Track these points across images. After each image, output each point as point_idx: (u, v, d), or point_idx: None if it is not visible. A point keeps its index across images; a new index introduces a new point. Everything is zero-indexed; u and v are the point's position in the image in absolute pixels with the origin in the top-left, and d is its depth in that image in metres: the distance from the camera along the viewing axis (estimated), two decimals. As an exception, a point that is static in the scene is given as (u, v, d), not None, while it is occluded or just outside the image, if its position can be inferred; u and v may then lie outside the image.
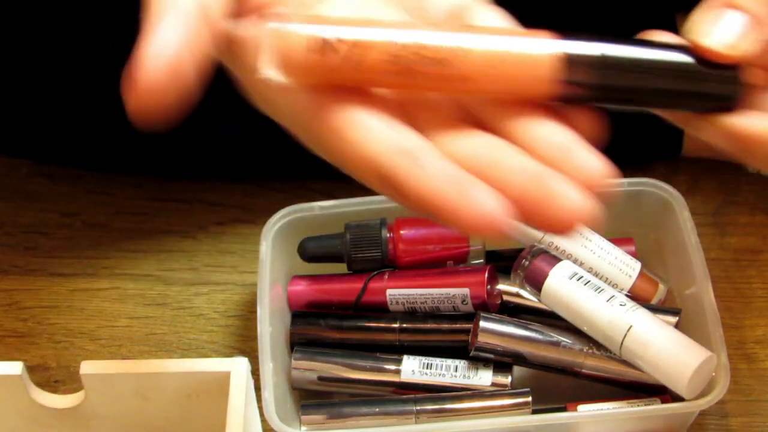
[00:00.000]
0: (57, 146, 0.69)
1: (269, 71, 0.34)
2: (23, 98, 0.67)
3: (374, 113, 0.34)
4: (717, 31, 0.34)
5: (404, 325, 0.59)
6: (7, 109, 0.67)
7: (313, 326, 0.61)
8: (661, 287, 0.61)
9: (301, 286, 0.61)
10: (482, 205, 0.31)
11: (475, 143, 0.34)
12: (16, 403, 0.47)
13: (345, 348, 0.60)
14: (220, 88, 0.37)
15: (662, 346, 0.54)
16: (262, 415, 0.54)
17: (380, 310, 0.60)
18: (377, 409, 0.57)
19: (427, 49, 0.33)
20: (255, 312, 0.58)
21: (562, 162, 0.32)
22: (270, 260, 0.59)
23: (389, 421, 0.57)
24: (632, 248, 0.62)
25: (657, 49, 0.34)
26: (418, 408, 0.57)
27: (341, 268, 0.61)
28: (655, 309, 0.58)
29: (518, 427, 0.55)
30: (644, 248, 0.64)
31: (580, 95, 0.34)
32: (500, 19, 0.37)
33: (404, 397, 0.58)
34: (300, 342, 0.60)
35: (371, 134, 0.33)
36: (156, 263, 0.66)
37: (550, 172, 0.32)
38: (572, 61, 0.33)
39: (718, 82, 0.34)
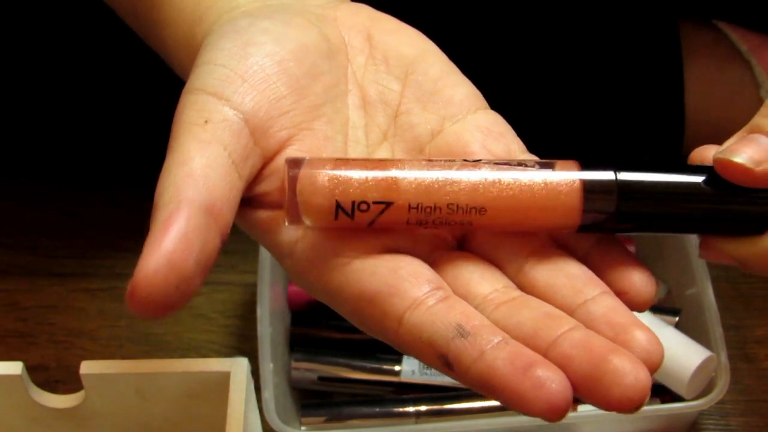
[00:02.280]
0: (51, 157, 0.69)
1: (295, 219, 0.33)
2: (21, 106, 0.67)
3: (412, 278, 0.33)
4: (746, 151, 0.33)
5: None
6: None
7: (313, 326, 0.61)
8: (661, 287, 0.61)
9: (301, 286, 0.61)
10: (548, 388, 0.29)
11: (529, 311, 0.32)
12: (16, 403, 0.47)
13: (345, 348, 0.59)
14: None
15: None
16: (262, 415, 0.54)
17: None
18: (377, 410, 0.57)
19: (460, 194, 0.33)
20: (255, 312, 0.57)
21: (620, 340, 0.31)
22: (270, 260, 0.59)
23: (389, 421, 0.57)
24: (632, 248, 0.62)
25: (684, 173, 0.34)
26: (418, 408, 0.57)
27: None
28: (655, 309, 0.58)
29: (518, 427, 0.55)
30: (644, 248, 0.64)
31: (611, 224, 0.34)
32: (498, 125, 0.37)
33: (404, 397, 0.58)
34: (300, 342, 0.60)
35: (419, 312, 0.32)
36: (156, 263, 0.66)
37: (612, 348, 0.30)
38: (597, 189, 0.33)
39: (748, 204, 0.34)
